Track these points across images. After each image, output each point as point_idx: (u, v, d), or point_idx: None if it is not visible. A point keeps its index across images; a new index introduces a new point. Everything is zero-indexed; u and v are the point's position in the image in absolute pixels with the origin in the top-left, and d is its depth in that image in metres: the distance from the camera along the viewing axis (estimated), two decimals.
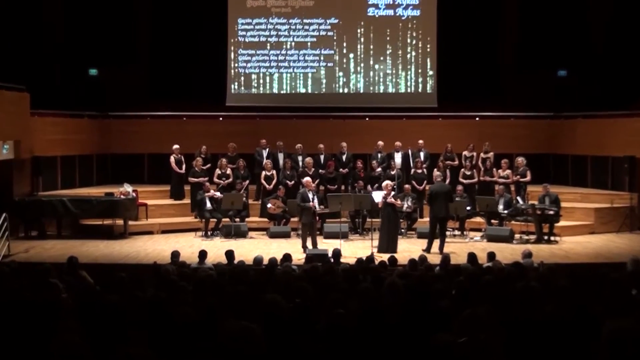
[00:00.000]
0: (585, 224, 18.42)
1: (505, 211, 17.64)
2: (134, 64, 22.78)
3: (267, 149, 20.07)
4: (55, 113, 20.66)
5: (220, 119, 22.67)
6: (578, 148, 21.56)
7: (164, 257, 14.10)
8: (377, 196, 16.20)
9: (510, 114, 22.60)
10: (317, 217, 16.63)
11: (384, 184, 16.31)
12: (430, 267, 10.79)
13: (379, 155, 19.92)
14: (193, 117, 22.48)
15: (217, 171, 19.27)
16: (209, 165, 19.74)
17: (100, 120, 22.25)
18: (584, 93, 22.05)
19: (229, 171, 19.31)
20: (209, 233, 17.81)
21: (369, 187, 18.96)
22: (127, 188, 18.16)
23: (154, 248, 16.20)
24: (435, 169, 19.27)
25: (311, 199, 15.87)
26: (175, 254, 12.40)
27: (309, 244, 15.67)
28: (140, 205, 18.81)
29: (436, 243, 15.74)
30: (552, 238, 17.03)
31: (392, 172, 19.10)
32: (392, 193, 15.98)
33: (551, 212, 16.95)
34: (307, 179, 16.55)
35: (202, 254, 12.49)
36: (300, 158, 19.79)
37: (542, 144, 22.32)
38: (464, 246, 16.37)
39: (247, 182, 19.42)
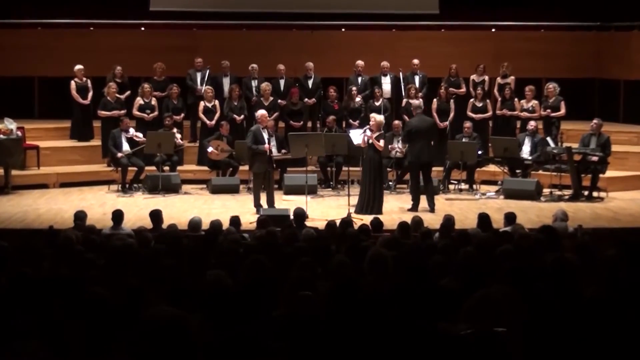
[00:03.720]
0: None
1: (530, 157, 17.72)
2: None
3: (207, 72, 19.90)
4: None
5: (142, 29, 22.41)
6: (634, 71, 21.66)
7: (64, 220, 14.04)
8: (356, 135, 16.16)
9: (539, 23, 22.60)
10: (275, 165, 16.62)
11: (372, 117, 16.09)
12: (428, 234, 10.86)
13: (359, 79, 19.88)
14: (103, 27, 22.18)
15: (139, 101, 19.12)
16: (127, 93, 19.59)
17: None
18: None
19: (154, 101, 19.18)
20: (127, 186, 17.74)
21: (344, 123, 18.97)
22: (9, 125, 17.94)
23: (50, 207, 16.13)
24: (435, 100, 19.32)
25: (266, 140, 15.83)
26: (79, 216, 12.34)
27: (263, 201, 15.69)
28: (28, 148, 18.64)
29: (423, 200, 15.95)
30: (595, 194, 17.19)
31: (377, 103, 19.08)
32: (377, 133, 15.76)
33: (595, 159, 17.06)
34: (261, 112, 16.44)
35: (118, 216, 12.44)
36: (254, 83, 19.70)
37: (583, 65, 22.39)
38: (474, 205, 16.48)
39: (182, 115, 19.31)
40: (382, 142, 15.64)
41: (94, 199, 16.95)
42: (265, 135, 15.87)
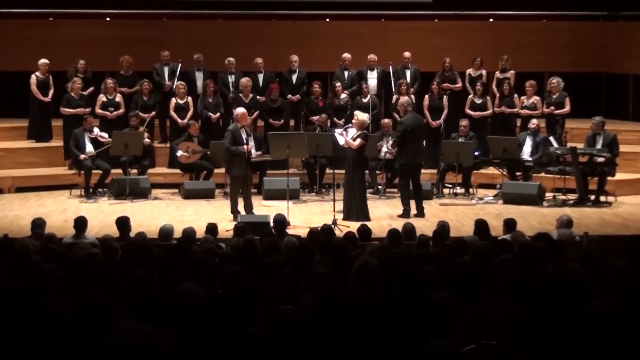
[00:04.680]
0: None
1: (532, 158, 17.74)
2: None
3: (179, 66, 19.82)
4: None
5: (107, 19, 22.36)
6: None
7: (21, 228, 13.99)
8: (341, 136, 16.13)
9: (541, 12, 22.65)
10: (253, 167, 16.55)
11: (356, 115, 16.05)
12: (422, 242, 10.86)
13: (345, 73, 19.89)
14: (64, 17, 22.13)
15: (101, 97, 19.07)
16: (90, 89, 19.54)
17: None
18: None
19: (118, 98, 19.14)
20: (90, 191, 17.68)
21: (328, 121, 18.97)
22: None
23: (5, 214, 16.09)
24: (427, 96, 19.32)
25: (245, 140, 15.74)
26: (37, 223, 12.28)
27: (240, 207, 15.66)
28: None
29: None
30: (602, 198, 17.24)
31: (364, 100, 19.08)
32: (358, 132, 15.67)
33: (602, 160, 17.11)
34: (240, 109, 16.32)
35: (81, 223, 12.41)
36: (231, 78, 19.68)
37: (589, 58, 22.44)
38: (470, 210, 16.53)
39: (153, 113, 19.27)
40: (357, 142, 15.54)
41: (54, 205, 16.90)
42: (244, 135, 15.78)
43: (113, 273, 7.90)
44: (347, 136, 15.67)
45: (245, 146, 15.63)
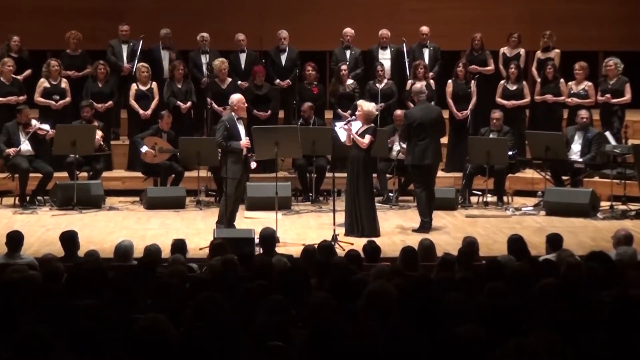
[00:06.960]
0: None
1: (582, 159, 17.74)
2: None
3: (140, 43, 19.84)
4: None
5: None
6: None
7: None
8: (343, 131, 16.11)
9: None
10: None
11: (360, 105, 15.98)
12: (445, 263, 10.86)
13: (347, 53, 19.86)
14: None
15: (43, 83, 19.02)
16: (27, 72, 19.59)
17: None
18: None
19: (64, 84, 19.10)
20: (27, 199, 17.65)
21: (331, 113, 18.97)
22: None
23: None
24: (450, 81, 19.31)
25: (243, 134, 15.45)
26: None
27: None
28: None
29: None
30: None
31: (379, 86, 19.05)
32: (365, 127, 15.65)
33: None
34: (236, 96, 15.94)
35: (15, 239, 12.39)
36: (204, 59, 19.67)
37: None
38: (504, 224, 16.53)
39: (110, 103, 19.25)
40: (367, 139, 15.42)
41: None
42: (241, 128, 15.53)
43: (57, 301, 7.90)
44: (352, 130, 15.58)
45: (242, 141, 15.33)
